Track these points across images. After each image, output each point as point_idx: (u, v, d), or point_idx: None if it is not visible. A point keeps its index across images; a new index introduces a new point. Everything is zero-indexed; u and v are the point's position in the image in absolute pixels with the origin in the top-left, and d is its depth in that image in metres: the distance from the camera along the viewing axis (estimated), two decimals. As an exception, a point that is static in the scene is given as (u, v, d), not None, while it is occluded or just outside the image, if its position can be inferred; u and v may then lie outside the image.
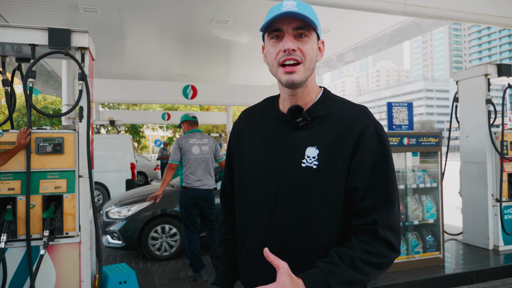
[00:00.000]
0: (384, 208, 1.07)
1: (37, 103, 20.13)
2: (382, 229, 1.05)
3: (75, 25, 7.44)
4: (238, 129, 1.33)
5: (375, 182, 1.08)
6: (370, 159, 1.09)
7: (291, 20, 1.09)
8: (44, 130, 3.19)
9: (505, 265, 4.44)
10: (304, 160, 1.11)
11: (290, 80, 1.10)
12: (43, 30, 3.15)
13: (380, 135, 1.12)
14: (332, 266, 1.00)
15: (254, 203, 1.19)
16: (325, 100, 1.19)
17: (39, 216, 3.09)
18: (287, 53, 1.09)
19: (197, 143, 4.39)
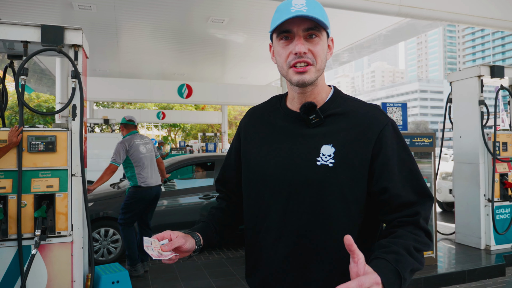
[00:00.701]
0: (424, 201, 1.09)
1: (30, 101, 19.96)
2: (422, 219, 1.07)
3: (69, 22, 7.37)
4: (244, 127, 1.31)
5: (405, 179, 1.09)
6: (395, 157, 1.09)
7: (301, 21, 1.06)
8: (36, 128, 3.16)
9: (496, 264, 4.47)
10: (319, 158, 1.09)
11: (302, 80, 1.09)
12: (35, 27, 3.12)
13: (398, 133, 1.13)
14: (396, 256, 0.98)
15: (266, 202, 1.16)
16: (337, 98, 1.18)
17: (30, 215, 3.06)
18: (298, 56, 1.07)
19: (142, 143, 4.56)
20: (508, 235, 5.13)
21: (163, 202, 5.32)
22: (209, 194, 5.44)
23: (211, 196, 5.43)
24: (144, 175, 4.42)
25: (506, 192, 5.12)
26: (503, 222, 5.11)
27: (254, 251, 1.21)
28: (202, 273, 4.50)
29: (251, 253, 1.23)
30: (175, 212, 5.39)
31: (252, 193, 1.22)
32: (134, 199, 4.38)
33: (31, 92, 17.53)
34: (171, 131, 31.92)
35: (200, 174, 6.18)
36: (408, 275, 0.98)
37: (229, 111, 28.90)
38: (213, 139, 20.52)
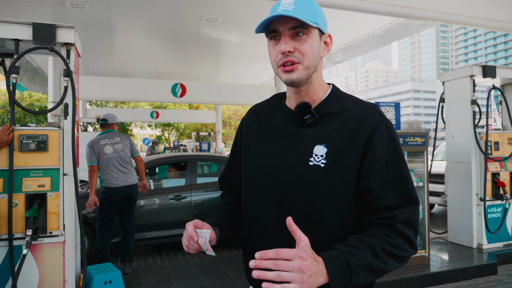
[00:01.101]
0: (407, 206, 1.06)
1: (22, 100, 19.77)
2: (400, 223, 1.04)
3: (62, 21, 7.32)
4: (245, 125, 1.32)
5: (390, 182, 1.07)
6: (383, 158, 1.07)
7: (287, 20, 1.07)
8: (27, 127, 3.13)
9: (488, 263, 4.52)
10: (311, 158, 1.10)
11: (289, 79, 1.10)
12: (27, 25, 3.08)
13: (391, 133, 1.10)
14: (352, 249, 0.98)
15: (262, 200, 1.18)
16: (334, 97, 1.17)
17: (21, 215, 3.03)
18: (284, 55, 1.08)
19: (109, 143, 4.53)
20: (500, 234, 5.18)
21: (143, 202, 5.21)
22: (180, 195, 5.35)
23: (182, 197, 5.34)
24: (106, 176, 4.42)
25: (498, 191, 5.17)
26: (495, 221, 5.16)
27: (250, 247, 1.22)
28: (195, 272, 4.49)
29: (249, 250, 1.23)
30: (145, 213, 5.21)
31: (250, 191, 1.23)
32: (103, 199, 4.41)
33: (23, 91, 17.35)
34: (165, 130, 31.82)
35: (172, 174, 6.06)
36: (361, 269, 0.96)
37: (223, 110, 28.88)
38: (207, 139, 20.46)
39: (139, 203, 5.16)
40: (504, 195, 5.14)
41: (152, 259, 5.15)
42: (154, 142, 16.72)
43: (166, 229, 5.23)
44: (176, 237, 5.28)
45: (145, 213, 5.20)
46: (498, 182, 5.13)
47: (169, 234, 5.25)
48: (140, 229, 5.07)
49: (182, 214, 5.32)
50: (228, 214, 1.31)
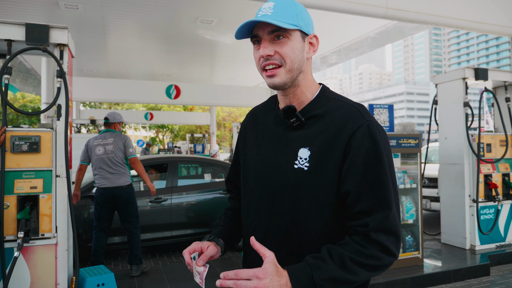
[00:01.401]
0: (379, 211, 1.04)
1: (15, 101, 19.60)
2: (374, 231, 1.02)
3: (56, 22, 7.27)
4: (244, 127, 1.35)
5: (368, 185, 1.05)
6: (362, 161, 1.05)
7: (266, 25, 1.08)
8: (20, 129, 3.10)
9: (481, 264, 4.55)
10: (296, 161, 1.11)
11: (272, 84, 1.11)
12: (20, 25, 3.06)
13: (373, 135, 1.07)
14: (319, 261, 0.99)
15: (255, 202, 1.20)
16: (321, 99, 1.16)
17: (13, 217, 3.00)
18: (265, 58, 1.10)
19: (101, 143, 4.50)
20: (493, 235, 5.22)
21: None
22: (160, 198, 5.21)
23: (163, 200, 5.22)
24: (95, 176, 4.43)
25: (490, 192, 5.21)
26: (488, 222, 5.20)
27: (247, 249, 1.25)
28: (189, 275, 4.46)
29: (247, 251, 1.26)
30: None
31: (245, 193, 1.26)
32: (95, 199, 4.43)
33: (16, 92, 17.20)
34: (159, 132, 31.70)
35: (153, 176, 5.91)
36: (326, 282, 0.97)
37: (218, 112, 28.85)
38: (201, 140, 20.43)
39: None
40: (496, 197, 5.18)
41: (146, 261, 5.11)
42: (148, 144, 16.65)
43: (145, 232, 5.04)
44: (155, 241, 5.13)
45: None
46: (491, 184, 5.17)
47: (149, 238, 5.10)
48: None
49: (162, 217, 5.18)
50: (233, 221, 1.35)
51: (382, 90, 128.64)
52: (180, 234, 5.27)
